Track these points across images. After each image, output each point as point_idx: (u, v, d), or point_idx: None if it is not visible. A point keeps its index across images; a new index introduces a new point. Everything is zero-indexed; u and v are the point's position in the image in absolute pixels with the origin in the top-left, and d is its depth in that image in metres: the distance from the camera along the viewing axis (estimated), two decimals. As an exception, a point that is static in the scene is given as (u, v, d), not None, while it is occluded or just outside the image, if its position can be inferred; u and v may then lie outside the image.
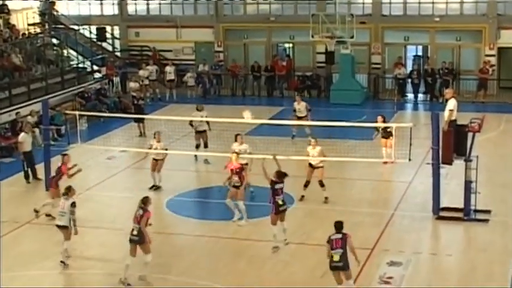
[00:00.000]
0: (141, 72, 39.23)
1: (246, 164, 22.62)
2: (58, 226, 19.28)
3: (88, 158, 27.15)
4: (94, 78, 39.39)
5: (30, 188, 25.50)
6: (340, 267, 16.31)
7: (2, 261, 19.14)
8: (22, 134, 26.76)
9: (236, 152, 22.10)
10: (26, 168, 26.29)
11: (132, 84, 37.88)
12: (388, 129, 25.31)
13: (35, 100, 32.42)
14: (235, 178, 21.24)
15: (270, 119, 32.00)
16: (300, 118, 29.30)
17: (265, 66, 40.04)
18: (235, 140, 23.51)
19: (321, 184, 23.09)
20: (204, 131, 27.13)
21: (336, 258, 16.31)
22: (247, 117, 25.93)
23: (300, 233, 20.77)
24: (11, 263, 19.13)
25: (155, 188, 24.06)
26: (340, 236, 16.57)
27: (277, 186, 19.46)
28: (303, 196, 23.39)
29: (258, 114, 28.88)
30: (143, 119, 30.30)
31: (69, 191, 19.33)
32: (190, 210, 22.87)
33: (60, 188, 21.00)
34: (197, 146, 27.06)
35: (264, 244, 19.97)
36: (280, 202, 19.47)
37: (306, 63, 40.40)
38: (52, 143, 26.24)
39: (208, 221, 21.83)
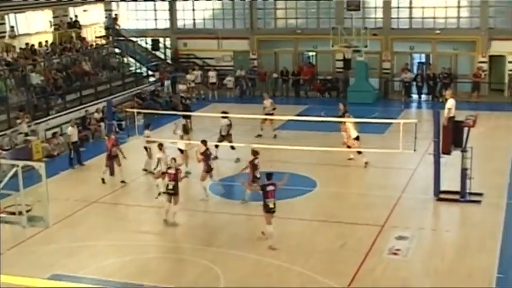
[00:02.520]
0: (188, 76, 39.29)
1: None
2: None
3: (144, 149, 27.26)
4: (149, 82, 39.46)
5: (94, 172, 25.56)
6: (274, 211, 18.03)
7: (75, 234, 19.37)
8: (69, 128, 26.86)
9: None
10: (71, 156, 26.48)
11: (181, 86, 38.01)
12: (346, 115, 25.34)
13: (101, 100, 32.64)
14: None
15: (297, 115, 31.98)
16: (267, 115, 28.88)
17: (293, 71, 39.94)
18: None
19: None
20: (229, 135, 26.24)
21: (271, 205, 17.95)
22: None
23: (322, 212, 20.77)
24: (82, 235, 19.34)
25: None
26: (273, 187, 17.98)
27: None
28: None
29: (286, 111, 28.95)
30: (190, 115, 30.33)
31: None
32: (230, 193, 22.82)
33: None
34: (216, 146, 25.95)
35: (292, 221, 19.99)
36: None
37: (327, 68, 40.18)
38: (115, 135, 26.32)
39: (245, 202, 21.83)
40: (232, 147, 25.73)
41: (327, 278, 16.21)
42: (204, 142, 22.31)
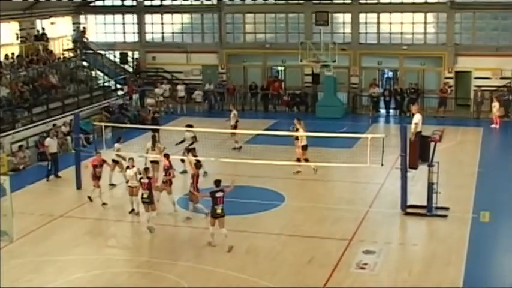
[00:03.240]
0: (156, 90, 39.23)
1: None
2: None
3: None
4: (117, 95, 39.28)
5: (60, 186, 25.45)
6: (222, 216, 18.78)
7: (40, 248, 19.16)
8: (48, 139, 26.92)
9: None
10: (50, 167, 26.33)
11: (149, 100, 37.95)
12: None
13: (68, 113, 32.40)
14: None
15: (266, 129, 32.02)
16: (232, 126, 29.27)
17: (262, 85, 40.05)
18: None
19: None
20: (193, 148, 26.08)
21: (219, 211, 18.73)
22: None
23: (290, 226, 20.77)
24: (48, 249, 19.12)
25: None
26: (221, 194, 18.72)
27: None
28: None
29: (254, 125, 28.98)
30: (158, 129, 30.19)
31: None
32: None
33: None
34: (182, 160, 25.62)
35: (260, 235, 19.99)
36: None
37: (296, 83, 40.36)
38: (81, 149, 26.17)
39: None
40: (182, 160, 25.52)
41: (294, 292, 16.20)
42: (166, 156, 22.27)
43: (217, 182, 19.09)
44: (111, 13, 43.20)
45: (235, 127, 29.47)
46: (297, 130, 25.70)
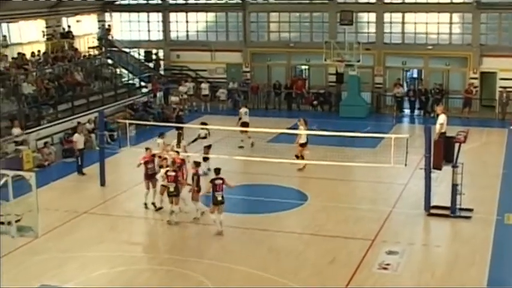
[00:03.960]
0: (180, 88, 39.27)
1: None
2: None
3: (135, 159, 27.12)
4: (142, 93, 39.43)
5: (84, 182, 25.65)
6: (223, 202, 19.66)
7: (64, 244, 19.28)
8: (76, 135, 27.22)
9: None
10: (80, 163, 26.57)
11: (173, 98, 37.99)
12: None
13: (93, 110, 32.54)
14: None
15: (289, 129, 31.93)
16: (243, 124, 29.11)
17: (285, 84, 40.02)
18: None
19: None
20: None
21: (220, 198, 19.60)
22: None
23: (312, 225, 20.73)
24: (72, 246, 19.24)
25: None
26: (221, 181, 19.61)
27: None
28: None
29: (277, 124, 28.96)
30: (182, 127, 30.26)
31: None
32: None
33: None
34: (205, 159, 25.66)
35: (282, 234, 19.98)
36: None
37: (320, 82, 40.27)
38: (106, 146, 26.30)
39: (235, 214, 21.77)
40: (205, 159, 25.54)
41: (316, 292, 16.18)
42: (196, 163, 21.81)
43: (217, 170, 20.04)
44: (136, 11, 43.36)
45: (244, 125, 29.23)
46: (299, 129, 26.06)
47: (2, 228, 12.33)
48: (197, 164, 21.43)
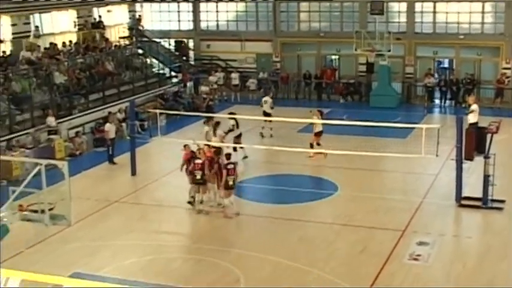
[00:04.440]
0: (210, 78, 39.35)
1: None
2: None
3: (166, 149, 27.36)
4: (172, 83, 39.59)
5: (115, 172, 25.85)
6: (233, 187, 20.17)
7: (96, 233, 19.46)
8: (107, 124, 27.38)
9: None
10: (110, 152, 26.73)
11: (203, 88, 38.09)
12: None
13: (124, 100, 32.75)
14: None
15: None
16: (266, 114, 28.98)
17: (315, 74, 39.90)
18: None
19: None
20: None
21: (231, 182, 20.00)
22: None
23: (343, 215, 20.69)
24: (103, 234, 19.42)
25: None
26: (232, 166, 20.04)
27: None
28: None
29: (307, 114, 28.83)
30: (212, 117, 30.32)
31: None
32: (250, 194, 22.87)
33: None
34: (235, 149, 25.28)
35: (313, 224, 19.97)
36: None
37: (350, 72, 40.08)
38: (136, 135, 26.45)
39: (265, 203, 21.85)
40: (235, 149, 25.53)
41: (346, 282, 16.17)
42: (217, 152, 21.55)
43: (228, 156, 20.53)
44: (166, 1, 43.45)
45: (265, 114, 29.19)
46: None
47: (35, 216, 12.48)
48: (217, 152, 21.26)
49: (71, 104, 30.98)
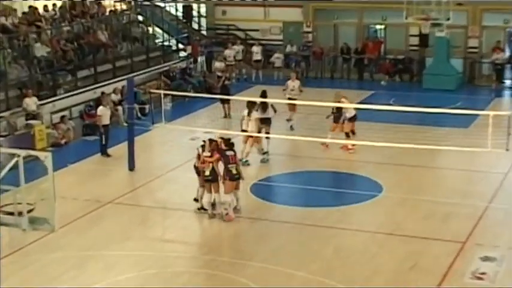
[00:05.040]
0: (227, 52, 39.41)
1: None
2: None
3: (171, 138, 27.42)
4: (179, 57, 39.74)
5: (109, 166, 25.94)
6: (238, 178, 20.44)
7: (85, 240, 19.55)
8: (100, 108, 27.34)
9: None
10: (104, 142, 26.82)
11: (218, 64, 38.10)
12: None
13: (120, 78, 32.91)
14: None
15: (360, 103, 31.84)
16: (291, 99, 28.71)
17: (356, 48, 39.83)
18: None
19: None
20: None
21: (234, 171, 20.26)
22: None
23: (388, 222, 20.62)
24: (94, 242, 19.47)
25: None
26: (232, 153, 20.39)
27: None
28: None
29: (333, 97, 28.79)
30: (229, 99, 30.41)
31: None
32: (275, 195, 22.91)
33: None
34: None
35: (351, 233, 19.93)
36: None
37: (398, 45, 40.00)
38: (136, 121, 26.52)
39: (293, 207, 21.84)
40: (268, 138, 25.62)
41: (393, 305, 16.17)
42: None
43: (228, 141, 20.76)
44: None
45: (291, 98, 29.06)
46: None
47: (11, 219, 12.49)
48: (210, 142, 20.85)
49: (54, 82, 31.10)
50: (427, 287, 16.84)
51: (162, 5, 41.99)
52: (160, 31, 40.98)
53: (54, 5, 36.07)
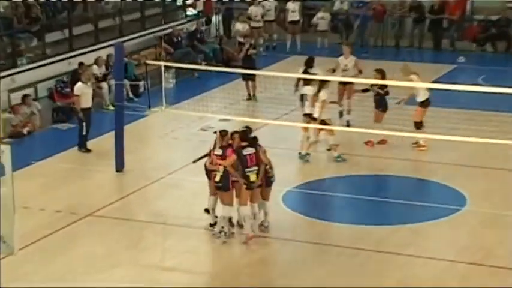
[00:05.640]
0: (252, 9, 39.41)
1: None
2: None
3: (174, 128, 27.51)
4: (186, 16, 39.79)
5: (89, 165, 26.10)
6: (259, 185, 20.16)
7: (55, 267, 19.66)
8: (79, 84, 27.34)
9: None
10: (84, 133, 26.92)
11: (240, 26, 38.11)
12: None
13: (105, 44, 33.00)
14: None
15: (435, 82, 31.79)
16: (344, 83, 28.34)
17: (431, 6, 39.78)
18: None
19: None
20: None
21: (253, 177, 19.97)
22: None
23: (474, 247, 20.61)
24: (68, 269, 19.57)
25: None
26: (253, 150, 20.04)
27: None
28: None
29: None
30: (254, 75, 30.37)
31: None
32: (315, 208, 22.92)
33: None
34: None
35: (422, 261, 19.95)
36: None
37: (490, 4, 39.94)
38: (126, 104, 26.62)
39: (341, 224, 21.89)
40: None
41: None
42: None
43: (244, 135, 20.39)
44: None
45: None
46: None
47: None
48: (223, 135, 20.85)
49: (14, 48, 31.24)
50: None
51: None
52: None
53: None
